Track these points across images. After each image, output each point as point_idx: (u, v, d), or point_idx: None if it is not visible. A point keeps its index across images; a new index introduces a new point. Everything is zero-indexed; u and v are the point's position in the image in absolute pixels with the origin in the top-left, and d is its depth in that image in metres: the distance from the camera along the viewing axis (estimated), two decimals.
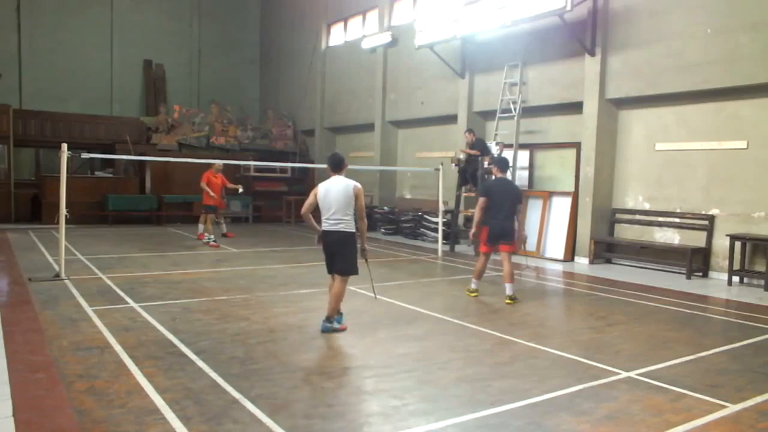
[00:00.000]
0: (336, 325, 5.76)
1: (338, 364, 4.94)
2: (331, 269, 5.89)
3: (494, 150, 12.27)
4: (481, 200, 7.46)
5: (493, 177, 7.87)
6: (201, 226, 12.61)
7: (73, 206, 9.39)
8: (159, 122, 19.05)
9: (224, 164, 12.85)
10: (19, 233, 13.42)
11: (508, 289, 7.40)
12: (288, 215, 18.11)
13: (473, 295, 7.68)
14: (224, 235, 13.40)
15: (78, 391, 3.98)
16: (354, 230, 5.75)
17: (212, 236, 12.34)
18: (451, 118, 14.49)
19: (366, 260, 5.89)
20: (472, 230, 7.66)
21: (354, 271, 5.77)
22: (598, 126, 11.07)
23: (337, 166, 5.84)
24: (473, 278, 7.78)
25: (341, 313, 5.89)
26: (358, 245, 5.81)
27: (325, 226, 5.74)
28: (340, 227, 5.66)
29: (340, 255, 5.74)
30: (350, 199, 5.65)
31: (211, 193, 12.26)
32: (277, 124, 20.99)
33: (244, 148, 19.85)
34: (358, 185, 5.73)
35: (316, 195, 5.78)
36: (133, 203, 16.67)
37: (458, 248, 12.74)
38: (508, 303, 7.30)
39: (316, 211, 5.73)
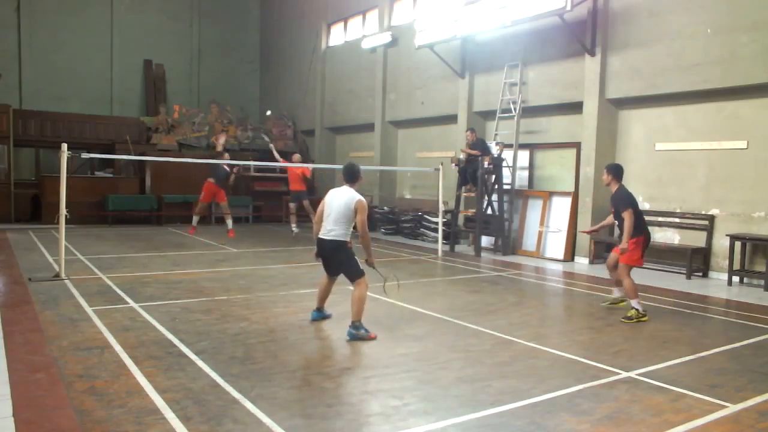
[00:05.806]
0: (362, 332, 5.44)
1: (338, 364, 4.94)
2: (329, 272, 5.92)
3: (494, 150, 12.26)
4: (629, 212, 6.63)
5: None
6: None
7: (73, 206, 9.35)
8: (159, 122, 19.04)
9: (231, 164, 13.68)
10: (19, 233, 13.41)
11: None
12: (288, 215, 18.05)
13: (644, 319, 6.52)
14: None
15: (78, 391, 3.98)
16: (347, 240, 5.65)
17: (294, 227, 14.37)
18: (451, 118, 14.49)
19: (374, 267, 5.80)
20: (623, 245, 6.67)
21: (360, 272, 5.66)
22: (598, 126, 11.07)
23: (350, 177, 5.83)
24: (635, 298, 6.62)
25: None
26: (354, 254, 5.71)
27: (321, 233, 5.71)
28: (333, 235, 5.62)
29: (337, 263, 5.74)
30: (350, 211, 5.59)
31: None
32: (277, 124, 20.98)
33: (244, 148, 19.84)
34: (363, 200, 5.64)
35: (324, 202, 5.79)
36: (133, 203, 16.65)
37: (458, 248, 12.74)
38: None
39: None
